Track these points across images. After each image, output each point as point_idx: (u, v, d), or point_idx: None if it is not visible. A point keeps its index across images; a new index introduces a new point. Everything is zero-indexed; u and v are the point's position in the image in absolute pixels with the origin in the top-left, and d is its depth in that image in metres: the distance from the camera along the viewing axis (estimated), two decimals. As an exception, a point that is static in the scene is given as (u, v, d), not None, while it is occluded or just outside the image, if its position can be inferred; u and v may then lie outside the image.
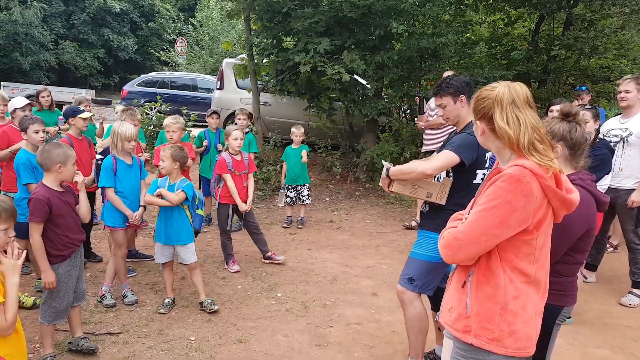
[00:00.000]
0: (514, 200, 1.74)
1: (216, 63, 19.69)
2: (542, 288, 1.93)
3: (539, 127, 1.83)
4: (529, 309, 1.86)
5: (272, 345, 3.70)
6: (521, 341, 1.86)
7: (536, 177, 1.75)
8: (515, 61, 9.08)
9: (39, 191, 3.20)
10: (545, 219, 1.82)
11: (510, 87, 1.85)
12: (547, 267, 1.93)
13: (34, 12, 28.23)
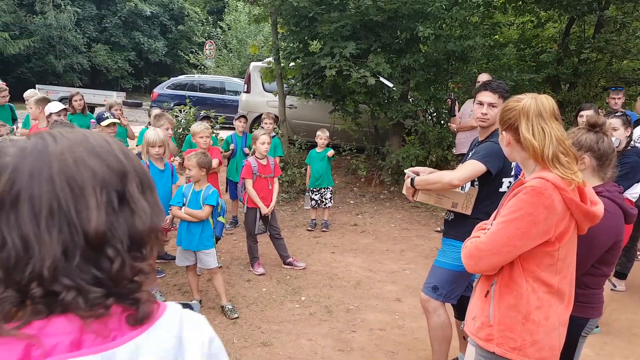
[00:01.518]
0: (535, 213, 1.77)
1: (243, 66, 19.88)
2: (567, 299, 1.95)
3: (564, 140, 1.85)
4: (551, 319, 1.88)
5: (295, 349, 3.74)
6: (543, 351, 1.88)
7: (558, 190, 1.77)
8: (544, 64, 8.92)
9: None
10: (568, 231, 1.84)
11: (537, 99, 1.88)
12: (571, 278, 1.95)
13: (67, 16, 28.99)
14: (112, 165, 0.79)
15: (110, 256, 0.76)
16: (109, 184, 0.78)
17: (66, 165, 0.76)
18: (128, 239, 0.78)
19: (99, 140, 0.82)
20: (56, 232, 0.73)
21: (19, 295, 0.72)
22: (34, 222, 0.73)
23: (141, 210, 0.81)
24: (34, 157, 0.75)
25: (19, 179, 0.74)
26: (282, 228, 5.68)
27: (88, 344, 0.73)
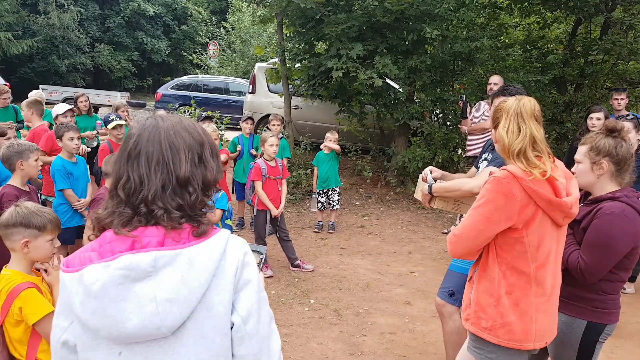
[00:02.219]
0: (495, 199, 1.97)
1: (247, 66, 19.87)
2: (548, 288, 2.06)
3: (539, 138, 2.04)
4: (522, 304, 2.02)
5: (306, 353, 3.73)
6: (514, 333, 2.03)
7: (517, 179, 1.95)
8: (551, 65, 8.90)
9: (103, 192, 3.43)
10: (534, 218, 1.98)
11: (520, 101, 2.08)
12: (554, 269, 2.08)
13: (70, 16, 28.99)
14: (195, 137, 1.27)
15: (190, 192, 1.22)
16: (193, 148, 1.25)
17: (169, 135, 1.23)
18: (202, 183, 1.25)
19: (189, 122, 1.30)
20: (159, 174, 1.19)
21: (132, 212, 1.18)
22: (147, 167, 1.19)
23: (210, 167, 1.28)
24: (150, 129, 1.23)
25: (140, 142, 1.21)
26: (289, 230, 5.66)
27: (167, 244, 1.16)
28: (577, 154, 2.50)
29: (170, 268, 1.12)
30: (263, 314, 1.23)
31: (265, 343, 1.22)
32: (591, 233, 2.33)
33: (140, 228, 1.17)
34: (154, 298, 1.09)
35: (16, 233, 2.15)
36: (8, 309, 2.08)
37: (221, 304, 1.16)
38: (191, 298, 1.12)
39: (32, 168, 3.65)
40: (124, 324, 1.09)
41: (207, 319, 1.15)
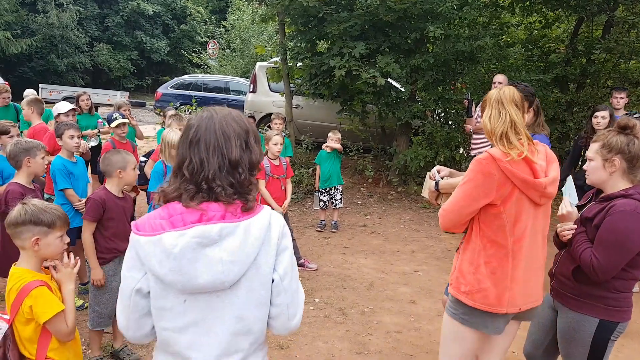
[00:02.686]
0: (475, 178, 2.20)
1: (247, 65, 19.82)
2: (524, 260, 2.25)
3: (517, 122, 2.23)
4: (498, 274, 2.23)
5: (312, 352, 3.72)
6: (488, 299, 2.25)
7: (495, 161, 2.16)
8: (553, 64, 8.89)
9: (98, 192, 3.35)
10: (511, 196, 2.18)
11: (500, 90, 2.31)
12: (531, 243, 2.25)
13: (69, 15, 28.99)
14: (242, 126, 1.52)
15: (240, 172, 1.48)
16: (240, 136, 1.50)
17: (221, 125, 1.48)
18: (248, 165, 1.50)
19: (237, 113, 1.55)
20: (216, 158, 1.46)
21: (195, 188, 1.45)
22: (206, 152, 1.46)
23: (255, 151, 1.53)
24: (207, 120, 1.49)
25: (199, 130, 1.48)
26: (292, 229, 5.64)
27: (228, 217, 1.43)
28: (588, 151, 2.49)
29: (232, 237, 1.42)
30: (294, 273, 1.55)
31: (295, 295, 1.55)
32: (604, 231, 2.32)
33: (205, 203, 1.45)
34: (220, 260, 1.40)
35: (26, 231, 2.13)
36: (18, 308, 2.06)
37: (267, 264, 1.47)
38: (246, 260, 1.43)
39: (39, 166, 3.61)
40: (197, 279, 1.40)
41: (256, 276, 1.46)
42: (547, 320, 2.69)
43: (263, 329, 1.53)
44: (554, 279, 2.63)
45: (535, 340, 2.79)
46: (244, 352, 1.51)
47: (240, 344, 1.50)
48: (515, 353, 3.84)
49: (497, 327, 2.31)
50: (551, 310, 2.66)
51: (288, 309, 1.52)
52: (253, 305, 1.48)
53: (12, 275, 2.14)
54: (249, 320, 1.49)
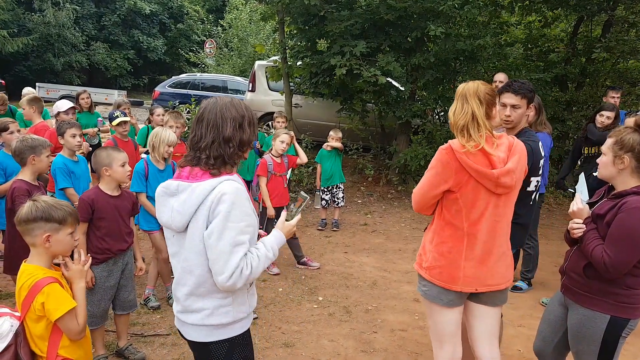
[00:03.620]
0: (436, 166, 2.40)
1: (245, 64, 19.77)
2: (480, 243, 2.41)
3: (478, 116, 2.35)
4: (453, 253, 2.42)
5: (318, 350, 3.70)
6: (443, 275, 2.45)
7: (453, 151, 2.34)
8: (552, 63, 8.91)
9: (88, 192, 3.30)
10: (467, 184, 2.35)
11: (466, 85, 2.44)
12: (489, 228, 2.40)
13: (66, 14, 28.84)
14: (240, 112, 1.93)
15: (230, 147, 1.89)
16: (237, 119, 1.91)
17: (222, 108, 1.90)
18: (239, 143, 1.91)
19: (237, 101, 1.96)
20: (212, 133, 1.87)
21: (191, 156, 1.91)
22: (205, 128, 1.89)
23: (246, 132, 1.94)
24: (212, 104, 1.92)
25: (204, 112, 1.91)
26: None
27: (190, 179, 1.88)
28: (603, 145, 2.50)
29: (184, 193, 1.87)
30: (225, 236, 1.79)
31: (220, 255, 1.79)
32: (615, 227, 2.31)
33: (188, 167, 1.91)
34: (172, 207, 1.90)
35: (37, 228, 2.10)
36: (30, 305, 2.03)
37: (202, 221, 1.83)
38: (187, 212, 1.85)
39: (44, 164, 3.58)
40: (161, 218, 1.96)
41: (195, 227, 1.85)
42: (557, 317, 2.69)
43: (204, 275, 1.87)
44: (564, 275, 2.62)
45: (545, 337, 2.79)
46: (190, 288, 1.91)
47: (187, 279, 1.92)
48: (521, 351, 3.85)
49: (451, 300, 2.50)
50: (561, 307, 2.66)
51: (214, 265, 1.82)
52: (194, 251, 1.87)
53: (22, 272, 2.11)
54: (191, 262, 1.89)
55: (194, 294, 1.92)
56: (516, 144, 2.44)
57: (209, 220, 1.82)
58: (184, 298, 1.95)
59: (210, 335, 1.95)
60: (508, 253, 2.53)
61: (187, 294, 1.93)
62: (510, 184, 2.35)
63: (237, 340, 2.00)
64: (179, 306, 2.00)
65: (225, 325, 1.96)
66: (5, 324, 2.01)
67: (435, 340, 2.68)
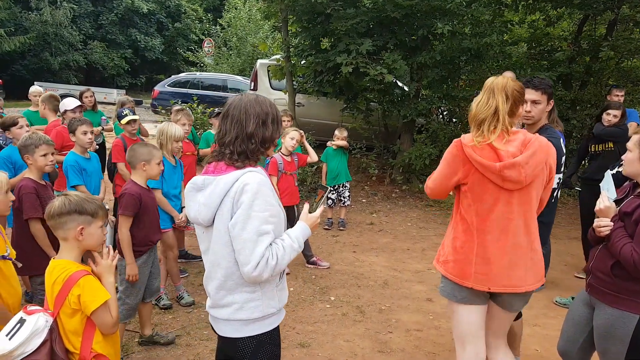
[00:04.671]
0: (447, 157, 2.44)
1: (244, 64, 19.69)
2: (493, 240, 2.37)
3: (501, 111, 2.33)
4: (465, 249, 2.42)
5: (334, 351, 3.66)
6: (455, 270, 2.45)
7: (462, 144, 2.37)
8: (557, 62, 8.89)
9: (131, 187, 3.33)
10: (475, 177, 2.35)
11: (495, 79, 2.43)
12: (509, 230, 2.35)
13: (63, 13, 28.61)
14: (264, 109, 1.96)
15: (252, 143, 1.92)
16: (260, 116, 1.94)
17: (246, 105, 1.94)
18: (261, 139, 1.95)
19: (262, 99, 2.00)
20: (235, 129, 1.92)
21: (218, 151, 1.96)
22: (230, 123, 1.93)
23: (269, 129, 1.96)
24: (236, 102, 1.96)
25: (230, 108, 1.95)
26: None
27: (215, 173, 1.92)
28: (629, 142, 2.48)
29: (210, 187, 1.90)
30: (249, 226, 1.81)
31: (245, 244, 1.81)
32: (645, 225, 2.29)
33: (214, 162, 1.96)
34: (199, 202, 1.92)
35: (70, 221, 2.10)
36: (64, 299, 2.03)
37: (227, 212, 1.86)
38: (213, 205, 1.88)
39: (40, 162, 3.46)
40: (189, 213, 1.99)
41: (220, 220, 1.88)
42: (582, 318, 2.66)
43: (232, 267, 1.89)
44: (590, 275, 2.59)
45: (570, 337, 2.76)
46: (219, 281, 1.93)
47: (216, 272, 1.94)
48: (539, 350, 3.82)
49: (465, 297, 2.47)
50: (586, 306, 2.63)
51: (239, 255, 1.83)
52: (220, 242, 1.89)
53: (54, 267, 2.11)
54: (218, 255, 1.91)
55: (223, 287, 1.93)
56: (534, 141, 2.36)
57: (233, 211, 1.84)
58: (214, 292, 1.97)
59: (239, 331, 1.95)
60: (531, 255, 2.39)
61: (216, 287, 1.95)
62: (518, 178, 2.28)
63: (265, 337, 1.99)
64: (210, 301, 2.01)
65: (255, 320, 1.94)
66: (40, 319, 2.00)
67: (457, 340, 2.61)
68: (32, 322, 1.99)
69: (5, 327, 2.04)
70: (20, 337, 1.96)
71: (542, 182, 2.40)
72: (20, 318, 2.04)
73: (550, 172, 2.41)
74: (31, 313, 2.05)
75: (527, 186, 2.33)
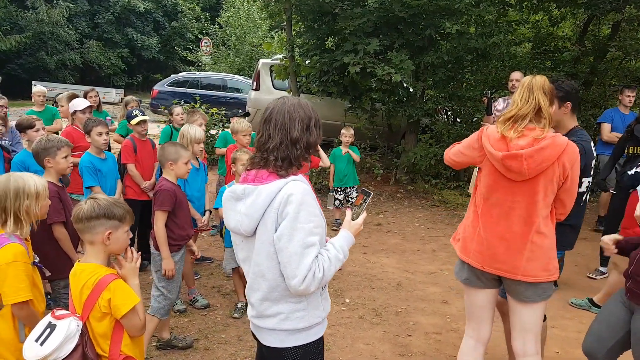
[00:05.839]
0: (470, 138, 2.66)
1: (242, 63, 19.63)
2: (492, 225, 2.54)
3: (543, 107, 2.43)
4: (469, 229, 2.65)
5: (355, 354, 3.62)
6: (460, 247, 2.70)
7: (482, 132, 2.57)
8: (562, 62, 8.89)
9: (165, 184, 3.39)
10: (483, 160, 2.56)
11: (533, 78, 2.53)
12: (505, 218, 2.49)
13: (59, 11, 28.40)
14: (307, 113, 1.89)
15: (297, 148, 1.86)
16: (304, 120, 1.87)
17: (290, 110, 1.87)
18: (305, 144, 1.88)
19: (305, 102, 1.93)
20: (279, 134, 1.84)
21: (259, 158, 1.88)
22: (273, 128, 1.85)
23: (313, 134, 1.90)
24: (280, 105, 1.89)
25: (273, 112, 1.88)
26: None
27: (256, 181, 1.84)
28: None
29: (250, 196, 1.83)
30: (295, 238, 1.75)
31: (292, 258, 1.75)
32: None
33: (254, 170, 1.88)
34: (239, 212, 1.86)
35: (98, 225, 2.09)
36: (94, 303, 2.02)
37: (271, 224, 1.80)
38: (255, 216, 1.81)
39: (61, 165, 3.41)
40: (229, 223, 1.92)
41: (264, 231, 1.82)
42: (619, 320, 2.62)
43: (277, 279, 1.83)
44: (630, 279, 2.56)
45: (601, 338, 2.71)
46: (263, 293, 1.87)
47: (260, 284, 1.88)
48: (559, 353, 3.80)
49: (466, 278, 2.70)
50: (625, 310, 2.60)
51: (285, 268, 1.78)
52: (264, 255, 1.83)
53: (82, 271, 2.09)
54: (262, 266, 1.85)
55: (268, 298, 1.88)
56: (548, 137, 2.39)
57: (277, 223, 1.79)
58: (258, 303, 1.92)
59: (285, 341, 1.91)
60: (530, 247, 2.46)
61: (260, 299, 1.90)
62: (519, 169, 2.38)
63: (311, 347, 1.95)
64: (253, 311, 1.97)
65: (301, 330, 1.91)
66: (72, 324, 1.99)
67: (466, 317, 2.87)
68: (65, 327, 1.98)
69: (33, 333, 2.03)
70: (54, 342, 1.95)
71: (551, 178, 2.41)
72: (49, 323, 2.02)
73: (564, 170, 2.42)
74: (60, 318, 2.03)
75: (533, 179, 2.41)
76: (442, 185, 8.86)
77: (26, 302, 2.32)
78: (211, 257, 5.50)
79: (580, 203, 2.95)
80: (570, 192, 2.51)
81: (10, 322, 2.35)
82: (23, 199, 2.40)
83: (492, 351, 3.58)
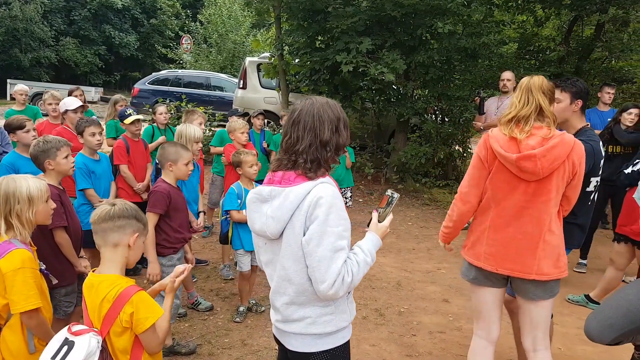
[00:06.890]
0: (479, 147, 2.64)
1: (225, 61, 19.45)
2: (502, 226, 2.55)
3: (545, 107, 2.47)
4: (478, 232, 2.63)
5: (362, 356, 3.60)
6: (469, 251, 2.68)
7: (488, 137, 2.56)
8: (547, 62, 9.01)
9: (161, 185, 3.34)
10: (494, 164, 2.53)
11: (530, 79, 2.56)
12: (519, 218, 2.50)
13: (34, 8, 27.71)
14: (336, 114, 1.85)
15: (327, 150, 1.81)
16: (333, 121, 1.83)
17: (319, 111, 1.82)
18: (335, 145, 1.83)
19: (332, 102, 1.87)
20: (309, 136, 1.79)
21: (287, 159, 1.83)
22: (302, 130, 1.80)
23: (342, 135, 1.86)
24: (308, 106, 1.84)
25: (300, 114, 1.83)
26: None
27: (283, 183, 1.79)
28: None
29: (277, 198, 1.79)
30: (325, 242, 1.71)
31: (321, 262, 1.71)
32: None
33: (280, 172, 1.83)
34: (265, 214, 1.81)
35: (129, 225, 2.02)
36: (116, 317, 1.90)
37: (299, 227, 1.75)
38: (282, 218, 1.77)
39: (64, 165, 3.31)
40: (253, 226, 1.88)
41: (291, 234, 1.77)
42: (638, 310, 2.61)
43: (305, 283, 1.79)
44: None
45: (614, 324, 2.65)
46: (290, 297, 1.83)
47: (286, 288, 1.84)
48: (561, 349, 3.83)
49: (475, 277, 2.69)
50: None
51: (314, 272, 1.73)
52: (291, 258, 1.79)
53: (99, 283, 1.97)
54: (289, 270, 1.80)
55: (295, 302, 1.85)
56: (557, 136, 2.42)
57: (306, 226, 1.74)
58: (284, 307, 1.87)
59: (312, 346, 1.87)
60: (542, 246, 2.48)
61: (286, 303, 1.86)
62: (534, 169, 2.39)
63: (338, 352, 1.91)
64: (278, 315, 1.92)
65: (328, 334, 1.87)
66: (92, 340, 1.88)
67: (474, 316, 2.86)
68: (84, 344, 1.87)
69: (47, 349, 1.90)
70: None
71: (562, 176, 2.45)
72: (66, 339, 1.90)
73: (573, 167, 2.46)
74: (78, 334, 1.90)
75: (546, 178, 2.42)
76: (431, 184, 8.91)
77: (36, 310, 2.23)
78: (206, 259, 5.41)
79: (588, 202, 2.97)
80: (577, 189, 2.57)
81: (19, 333, 2.26)
82: (14, 203, 2.30)
83: (497, 347, 3.59)
